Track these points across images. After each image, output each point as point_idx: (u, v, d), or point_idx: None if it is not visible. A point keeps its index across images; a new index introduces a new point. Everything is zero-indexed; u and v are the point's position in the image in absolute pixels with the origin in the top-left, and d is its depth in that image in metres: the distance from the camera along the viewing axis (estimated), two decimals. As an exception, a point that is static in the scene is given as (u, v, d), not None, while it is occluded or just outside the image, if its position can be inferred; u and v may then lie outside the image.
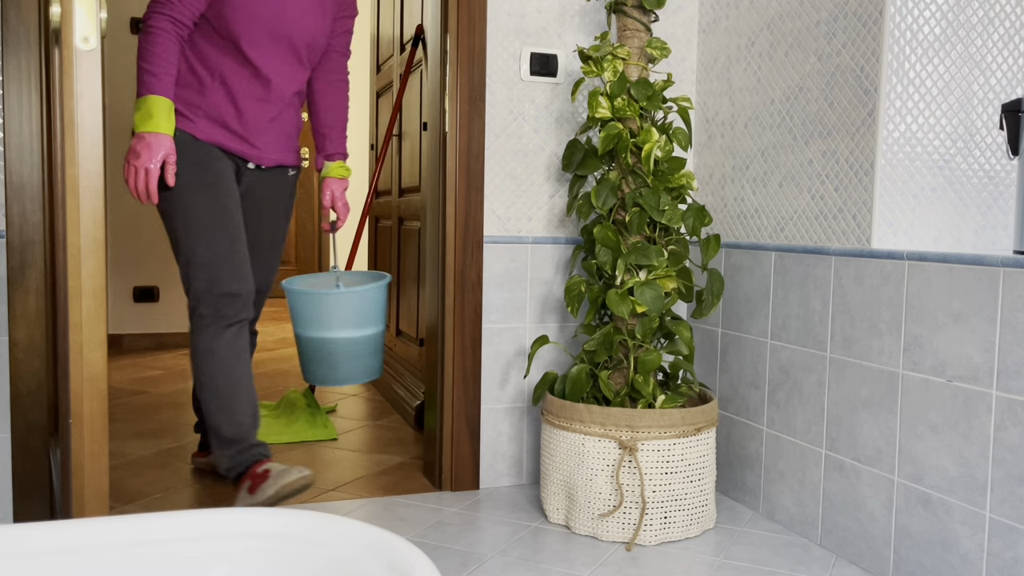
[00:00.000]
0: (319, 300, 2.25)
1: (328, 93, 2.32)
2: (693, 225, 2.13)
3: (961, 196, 1.93)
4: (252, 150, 2.14)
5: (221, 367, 2.04)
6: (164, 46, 1.95)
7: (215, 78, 2.06)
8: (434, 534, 2.05)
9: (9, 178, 1.83)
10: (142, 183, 1.93)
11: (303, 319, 2.29)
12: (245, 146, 2.13)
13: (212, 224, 2.03)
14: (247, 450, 2.05)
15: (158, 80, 1.94)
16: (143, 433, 2.97)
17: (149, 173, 1.92)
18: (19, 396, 1.86)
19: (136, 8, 4.65)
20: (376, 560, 0.98)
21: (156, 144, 1.92)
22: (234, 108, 2.08)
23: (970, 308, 1.63)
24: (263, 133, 2.14)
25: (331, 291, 2.24)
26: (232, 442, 2.05)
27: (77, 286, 1.41)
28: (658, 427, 1.99)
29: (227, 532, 1.08)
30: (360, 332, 2.23)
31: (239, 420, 2.04)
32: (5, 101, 1.83)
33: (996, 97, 1.93)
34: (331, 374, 2.28)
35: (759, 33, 2.25)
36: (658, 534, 2.01)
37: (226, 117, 2.08)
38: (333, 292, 2.23)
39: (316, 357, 2.28)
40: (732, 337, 2.35)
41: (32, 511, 1.89)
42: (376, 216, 4.09)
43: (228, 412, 2.04)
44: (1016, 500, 1.54)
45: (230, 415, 2.04)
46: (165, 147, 1.93)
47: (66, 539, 1.02)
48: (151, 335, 4.79)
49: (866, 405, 1.88)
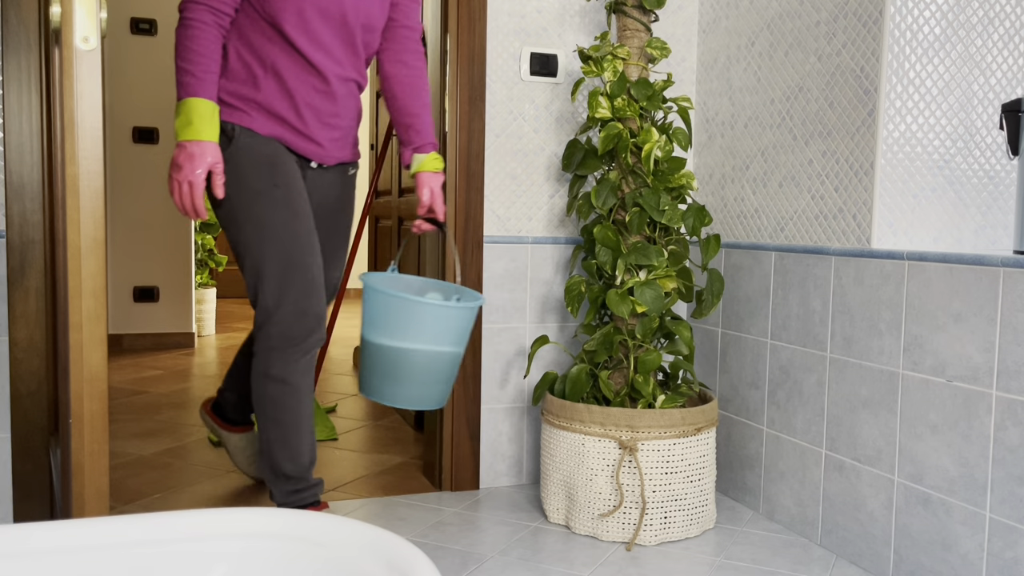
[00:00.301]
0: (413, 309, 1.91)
1: (404, 77, 2.03)
2: (693, 225, 2.13)
3: (961, 196, 1.93)
4: (316, 148, 1.91)
5: (290, 400, 1.85)
6: (204, 41, 1.73)
7: (267, 70, 1.82)
8: (434, 534, 2.05)
9: (9, 178, 1.83)
10: (187, 198, 1.72)
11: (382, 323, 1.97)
12: (308, 144, 1.90)
13: (285, 233, 1.80)
14: (305, 490, 1.92)
15: (198, 81, 1.72)
16: (143, 433, 2.97)
17: (193, 186, 1.71)
18: (19, 396, 1.86)
19: (136, 8, 4.65)
20: (376, 560, 0.98)
21: (199, 153, 1.71)
22: (291, 102, 1.84)
23: (970, 308, 1.63)
24: (325, 129, 1.91)
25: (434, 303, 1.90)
26: (290, 479, 1.90)
27: (77, 286, 1.41)
28: (658, 427, 1.99)
29: (227, 532, 1.08)
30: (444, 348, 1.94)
31: (300, 460, 1.89)
32: (5, 101, 1.83)
33: (996, 97, 1.93)
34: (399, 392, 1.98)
35: (759, 33, 2.25)
36: (658, 534, 2.01)
37: (283, 112, 1.84)
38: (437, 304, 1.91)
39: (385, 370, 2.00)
40: (732, 337, 2.35)
41: (32, 511, 1.89)
42: (376, 216, 4.09)
43: (291, 449, 1.87)
44: (1016, 500, 1.54)
45: (293, 453, 1.88)
46: (209, 155, 1.72)
47: (66, 539, 1.02)
48: (151, 335, 4.79)
49: (866, 405, 1.88)
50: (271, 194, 1.80)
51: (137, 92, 4.68)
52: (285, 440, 1.86)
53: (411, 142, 2.05)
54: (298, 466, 1.88)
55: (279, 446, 1.86)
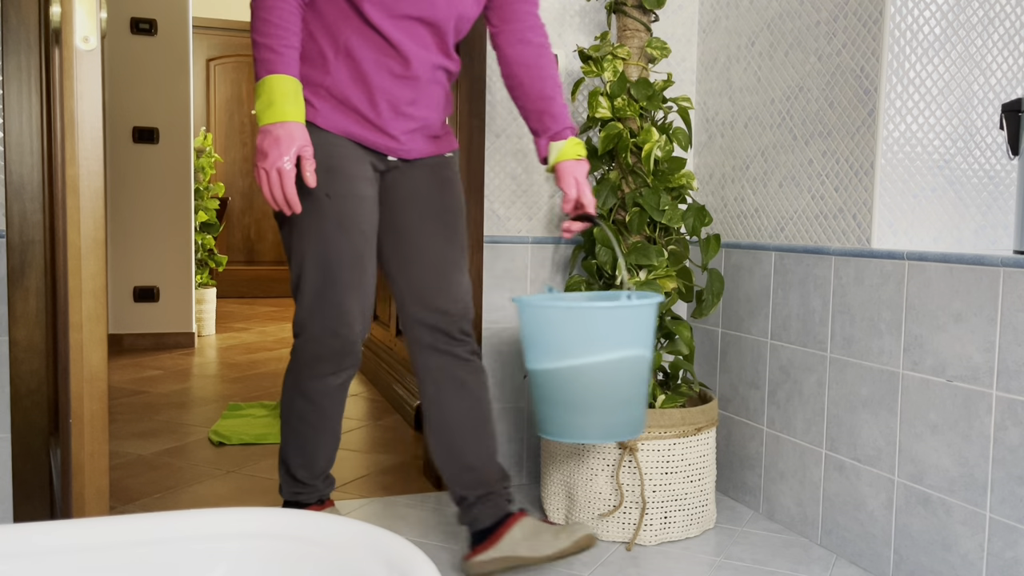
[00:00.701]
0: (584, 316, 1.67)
1: (529, 58, 1.78)
2: (693, 225, 2.13)
3: (961, 196, 1.93)
4: (389, 141, 1.69)
5: (313, 418, 1.77)
6: (282, 12, 1.54)
7: (339, 51, 1.62)
8: (434, 534, 2.05)
9: (9, 178, 1.83)
10: (277, 188, 1.52)
11: (550, 344, 1.70)
12: (381, 137, 1.68)
13: (327, 248, 1.64)
14: (311, 492, 1.87)
15: (278, 56, 1.53)
16: (143, 433, 2.97)
17: (283, 174, 1.51)
18: (19, 396, 1.86)
19: (136, 8, 4.66)
20: (376, 560, 0.98)
21: (285, 136, 1.51)
22: (364, 88, 1.63)
23: (970, 308, 1.63)
24: (399, 119, 1.68)
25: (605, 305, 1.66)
26: (298, 482, 1.85)
27: (77, 286, 1.41)
28: (658, 427, 1.99)
29: (227, 532, 1.08)
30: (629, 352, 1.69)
31: (314, 468, 1.83)
32: (5, 101, 1.83)
33: (996, 97, 1.93)
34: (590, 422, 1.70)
35: (759, 33, 2.25)
36: (658, 534, 2.01)
37: (355, 100, 1.64)
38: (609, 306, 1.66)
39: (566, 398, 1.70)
40: (732, 337, 2.35)
41: (32, 511, 1.89)
42: (376, 216, 4.08)
43: (306, 457, 1.82)
44: (1016, 500, 1.54)
45: (307, 461, 1.82)
46: (297, 138, 1.52)
47: (66, 539, 1.02)
48: (151, 335, 4.79)
49: (866, 405, 1.88)
50: (320, 203, 1.62)
51: (137, 92, 4.68)
52: (302, 448, 1.81)
53: (547, 129, 1.80)
54: (310, 473, 1.83)
55: (295, 452, 1.81)
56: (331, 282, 1.66)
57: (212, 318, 5.40)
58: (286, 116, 1.51)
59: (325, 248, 1.64)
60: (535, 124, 1.82)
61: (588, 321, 1.66)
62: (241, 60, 7.53)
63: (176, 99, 4.75)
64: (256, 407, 3.33)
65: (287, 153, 1.50)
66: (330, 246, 1.64)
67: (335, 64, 1.62)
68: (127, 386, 3.78)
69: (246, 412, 3.24)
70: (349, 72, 1.62)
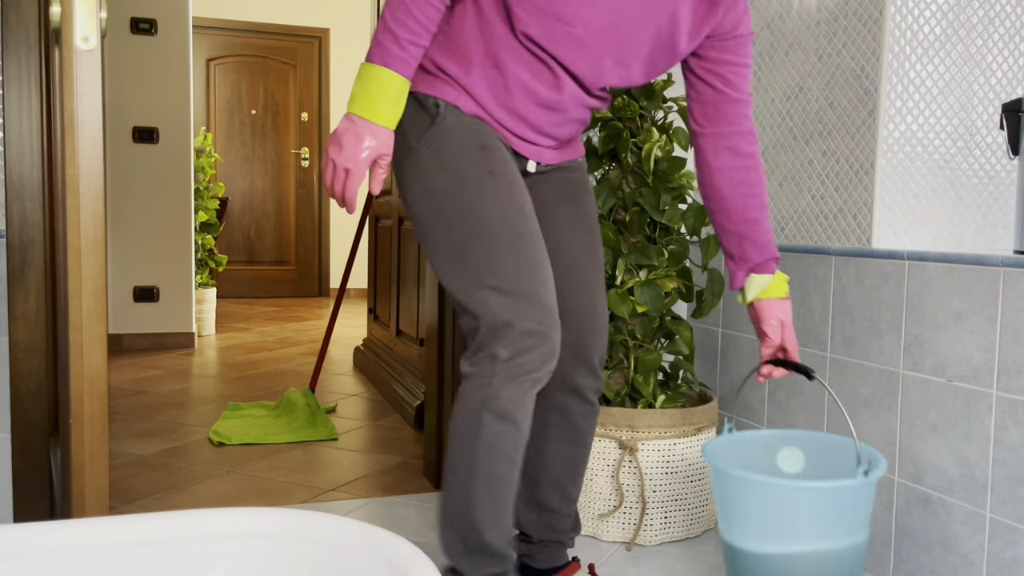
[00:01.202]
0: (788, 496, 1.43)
1: (737, 172, 1.54)
2: (693, 225, 2.13)
3: (961, 196, 1.93)
4: (525, 145, 1.49)
5: (510, 444, 1.38)
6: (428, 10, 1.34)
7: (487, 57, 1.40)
8: (434, 534, 2.05)
9: (9, 178, 1.83)
10: (339, 184, 1.35)
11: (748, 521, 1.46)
12: (514, 138, 1.47)
13: (510, 232, 1.38)
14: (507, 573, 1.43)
15: (402, 52, 1.33)
16: (143, 433, 2.97)
17: (350, 175, 1.34)
18: (19, 396, 1.86)
19: (136, 8, 4.66)
20: (376, 560, 0.98)
21: (369, 135, 1.33)
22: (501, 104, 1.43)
23: (970, 308, 1.63)
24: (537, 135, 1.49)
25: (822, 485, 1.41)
26: (493, 555, 1.40)
27: (77, 286, 1.41)
28: (658, 427, 2.00)
29: (227, 532, 1.08)
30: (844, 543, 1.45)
31: (506, 526, 1.40)
32: (5, 101, 1.83)
33: (996, 97, 1.93)
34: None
35: (759, 32, 2.25)
36: (658, 534, 2.01)
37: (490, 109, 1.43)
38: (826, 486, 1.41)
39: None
40: (732, 337, 2.35)
41: (32, 511, 1.89)
42: (376, 216, 4.08)
43: (498, 511, 1.39)
44: (1016, 500, 1.54)
45: (500, 516, 1.39)
46: (381, 143, 1.34)
47: (66, 539, 1.02)
48: (151, 335, 4.79)
49: (866, 405, 1.88)
50: (487, 183, 1.39)
51: (137, 92, 4.68)
52: (493, 498, 1.37)
53: (747, 258, 1.56)
54: (503, 534, 1.40)
55: (485, 507, 1.37)
56: (528, 265, 1.38)
57: (212, 318, 5.40)
58: (378, 117, 1.34)
59: (508, 230, 1.38)
60: (733, 248, 1.57)
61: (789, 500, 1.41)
62: (241, 60, 7.53)
63: (176, 99, 4.75)
64: (256, 407, 3.33)
65: (365, 152, 1.34)
66: (513, 227, 1.38)
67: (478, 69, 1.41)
68: (127, 386, 3.78)
69: (246, 412, 3.24)
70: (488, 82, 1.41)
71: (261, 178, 7.64)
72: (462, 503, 1.38)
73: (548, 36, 1.36)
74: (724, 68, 1.50)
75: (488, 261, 1.37)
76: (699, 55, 1.50)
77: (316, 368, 3.52)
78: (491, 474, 1.37)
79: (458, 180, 1.38)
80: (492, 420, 1.37)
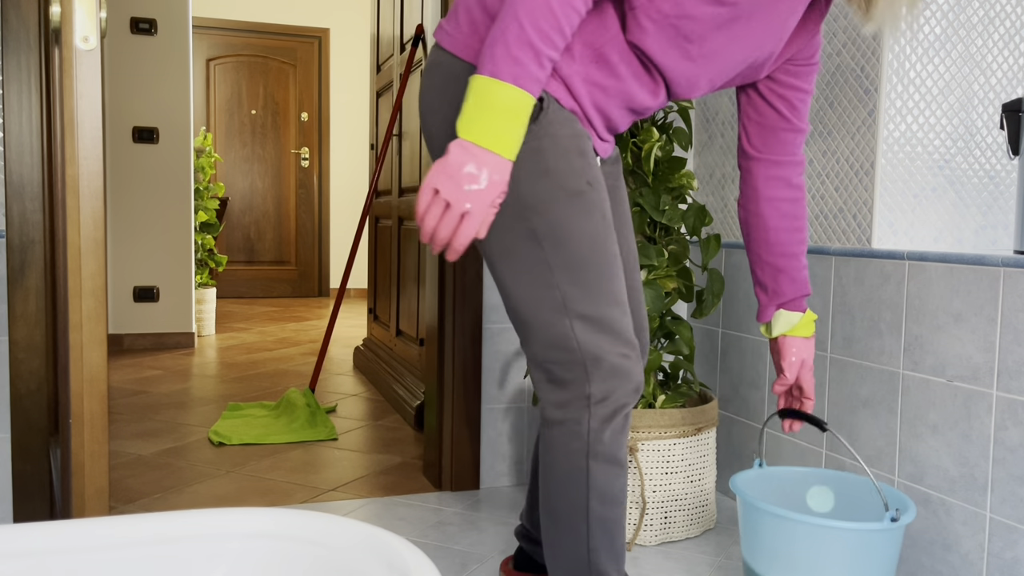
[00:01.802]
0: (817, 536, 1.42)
1: (783, 204, 1.49)
2: (693, 225, 2.13)
3: (961, 196, 1.93)
4: (600, 144, 1.37)
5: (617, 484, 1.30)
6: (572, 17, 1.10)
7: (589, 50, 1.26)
8: (434, 534, 2.05)
9: (9, 178, 1.83)
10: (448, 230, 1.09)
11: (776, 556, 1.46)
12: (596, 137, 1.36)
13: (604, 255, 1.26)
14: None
15: (539, 69, 1.09)
16: (143, 433, 2.97)
17: (468, 219, 1.09)
18: (19, 396, 1.86)
19: (136, 8, 4.66)
20: (376, 560, 0.98)
21: (493, 176, 1.09)
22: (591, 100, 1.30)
23: (970, 308, 1.63)
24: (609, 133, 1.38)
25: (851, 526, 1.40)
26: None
27: (77, 286, 1.41)
28: (658, 427, 2.00)
29: (227, 532, 1.08)
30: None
31: (622, 564, 1.35)
32: (5, 101, 1.83)
33: (996, 97, 1.93)
34: None
35: (759, 33, 2.25)
36: (658, 534, 2.01)
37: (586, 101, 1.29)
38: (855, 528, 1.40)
39: None
40: (732, 337, 2.35)
41: (32, 511, 1.89)
42: (376, 216, 4.09)
43: (616, 552, 1.33)
44: (1016, 500, 1.54)
45: (618, 555, 1.33)
46: (503, 179, 1.10)
47: (66, 539, 1.02)
48: (151, 335, 4.79)
49: (866, 405, 1.88)
50: (586, 196, 1.25)
51: (137, 92, 4.68)
52: (613, 543, 1.32)
53: (780, 292, 1.51)
54: (621, 565, 1.35)
55: (606, 553, 1.31)
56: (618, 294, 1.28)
57: (212, 318, 5.40)
58: (503, 150, 1.09)
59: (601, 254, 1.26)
60: (767, 280, 1.52)
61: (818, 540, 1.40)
62: (241, 60, 7.53)
63: (176, 99, 4.75)
64: (256, 407, 3.33)
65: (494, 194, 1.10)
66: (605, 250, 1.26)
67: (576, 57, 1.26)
68: (127, 386, 3.78)
69: (246, 412, 3.24)
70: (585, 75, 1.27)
71: (261, 178, 7.64)
72: (581, 555, 1.31)
73: (663, 49, 1.24)
74: (792, 93, 1.44)
75: (578, 286, 1.24)
76: (771, 77, 1.44)
77: (316, 368, 3.52)
78: (606, 520, 1.30)
79: (558, 191, 1.23)
80: (598, 466, 1.28)
